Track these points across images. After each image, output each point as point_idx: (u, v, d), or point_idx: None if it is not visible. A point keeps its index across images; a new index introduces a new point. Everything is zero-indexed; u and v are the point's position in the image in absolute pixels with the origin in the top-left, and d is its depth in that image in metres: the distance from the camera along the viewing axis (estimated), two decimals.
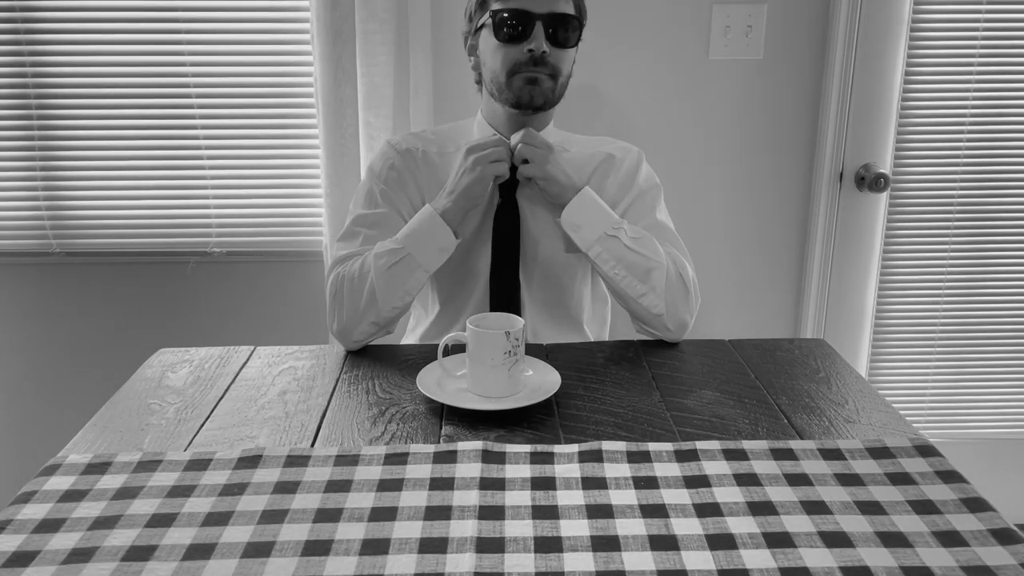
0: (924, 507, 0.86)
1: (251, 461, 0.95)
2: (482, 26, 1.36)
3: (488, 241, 1.41)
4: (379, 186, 1.40)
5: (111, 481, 0.91)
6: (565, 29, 1.32)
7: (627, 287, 1.31)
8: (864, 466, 0.94)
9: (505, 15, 1.30)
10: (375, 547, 0.79)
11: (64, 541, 0.81)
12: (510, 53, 1.32)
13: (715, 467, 0.93)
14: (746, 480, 0.90)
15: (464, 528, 0.82)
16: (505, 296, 1.41)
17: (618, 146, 1.49)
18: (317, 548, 0.79)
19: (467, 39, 1.42)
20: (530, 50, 1.30)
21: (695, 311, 1.35)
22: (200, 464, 0.94)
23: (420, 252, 1.28)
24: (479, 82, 1.44)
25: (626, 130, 1.95)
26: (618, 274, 1.31)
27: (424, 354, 1.29)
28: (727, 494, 0.87)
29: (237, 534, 0.81)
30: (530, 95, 1.33)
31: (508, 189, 1.40)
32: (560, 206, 1.33)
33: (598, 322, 1.58)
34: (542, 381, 1.13)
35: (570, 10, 1.33)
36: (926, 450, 0.97)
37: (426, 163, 1.43)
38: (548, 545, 0.79)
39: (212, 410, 1.10)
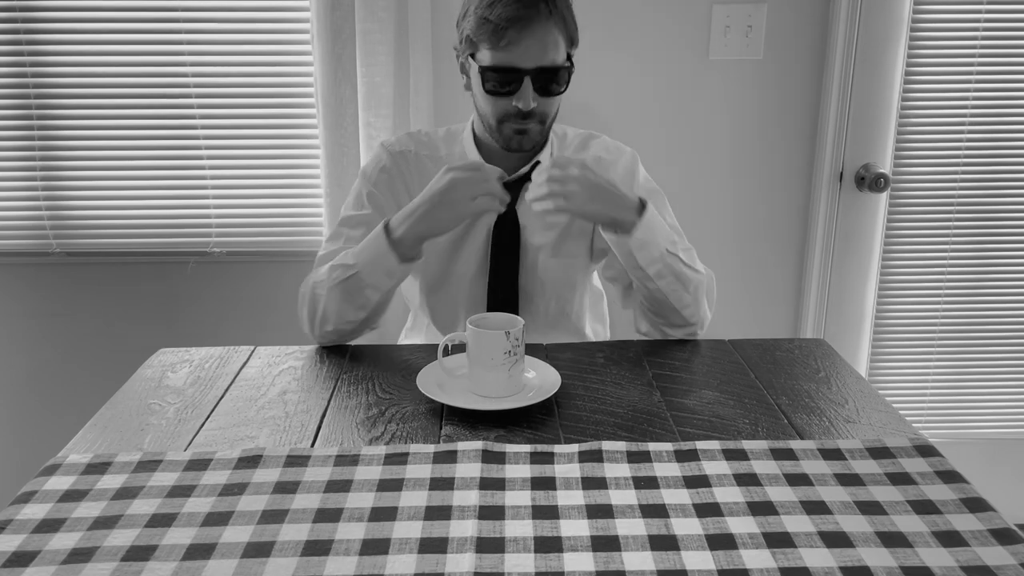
0: (924, 507, 0.86)
1: (251, 461, 0.95)
2: (470, 63, 1.31)
3: (476, 246, 1.41)
4: (367, 188, 1.40)
5: (111, 481, 0.91)
6: (554, 80, 1.27)
7: (676, 300, 1.30)
8: (864, 466, 0.94)
9: (494, 71, 1.25)
10: (375, 547, 0.79)
11: (64, 541, 0.81)
12: (498, 104, 1.28)
13: (715, 467, 0.93)
14: (746, 480, 0.90)
15: (464, 528, 0.82)
16: (504, 304, 1.41)
17: (608, 146, 1.45)
18: (317, 548, 0.79)
19: (458, 56, 1.35)
20: (517, 107, 1.27)
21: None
22: (200, 464, 0.94)
23: (369, 273, 1.25)
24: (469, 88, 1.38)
25: (626, 130, 1.95)
26: (673, 289, 1.28)
27: (424, 354, 1.28)
28: (727, 494, 0.87)
29: (237, 534, 0.81)
30: (519, 143, 1.32)
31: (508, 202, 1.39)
32: (612, 227, 1.25)
33: (600, 321, 1.59)
34: (542, 381, 1.13)
35: (559, 58, 1.27)
36: (926, 450, 0.97)
37: (418, 166, 1.42)
38: (548, 545, 0.79)
39: (212, 410, 1.10)
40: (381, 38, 1.78)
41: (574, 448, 0.97)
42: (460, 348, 1.15)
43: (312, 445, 1.01)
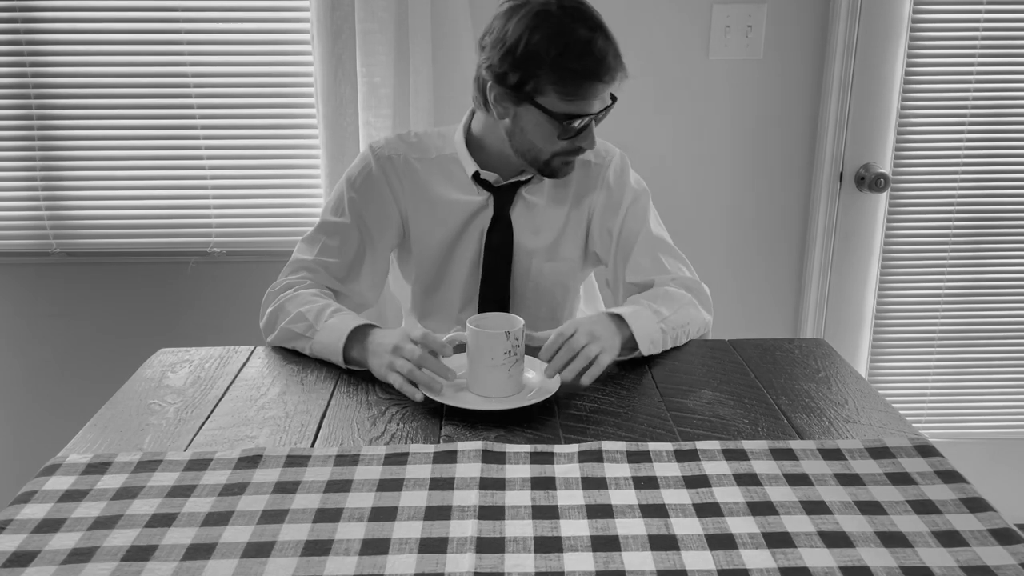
0: (924, 507, 0.86)
1: (251, 461, 0.95)
2: (532, 104, 1.26)
3: (469, 249, 1.42)
4: (350, 193, 1.39)
5: (111, 481, 0.91)
6: (605, 115, 1.31)
7: (686, 339, 1.33)
8: (864, 466, 0.94)
9: (568, 118, 1.25)
10: (375, 547, 0.79)
11: (64, 541, 0.81)
12: (562, 144, 1.30)
13: (715, 467, 0.93)
14: (746, 480, 0.90)
15: (464, 528, 0.82)
16: (495, 304, 1.43)
17: (596, 150, 1.43)
18: (317, 548, 0.79)
19: (493, 88, 1.28)
20: (580, 146, 1.31)
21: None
22: (200, 464, 0.94)
23: (318, 352, 1.23)
24: (485, 105, 1.33)
25: (626, 130, 1.95)
26: (680, 338, 1.31)
27: None
28: (727, 494, 0.87)
29: (237, 534, 0.81)
30: (564, 172, 1.36)
31: (501, 205, 1.40)
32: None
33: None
34: (542, 381, 1.13)
35: (615, 92, 1.30)
36: (926, 450, 0.97)
37: (407, 170, 1.40)
38: (548, 545, 0.79)
39: (212, 410, 1.10)
40: (381, 38, 1.78)
41: (574, 448, 0.97)
42: (460, 348, 1.15)
43: (312, 445, 1.01)
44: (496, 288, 1.43)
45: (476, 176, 1.39)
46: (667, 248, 1.42)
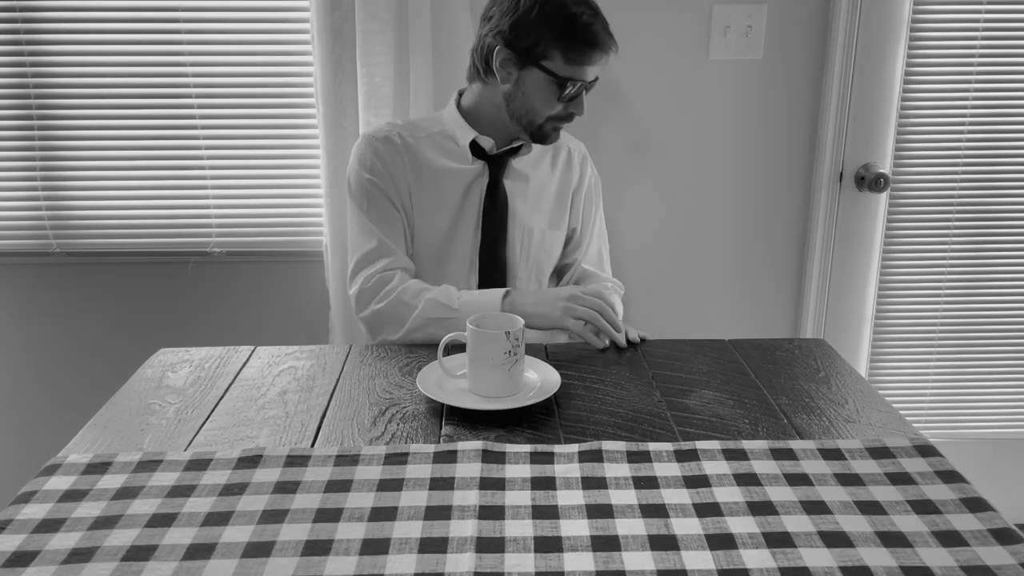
0: (924, 507, 0.86)
1: (251, 461, 0.95)
2: (529, 62, 1.39)
3: (471, 225, 1.49)
4: (367, 177, 1.46)
5: (111, 481, 0.91)
6: (592, 87, 1.44)
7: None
8: (864, 466, 0.94)
9: (575, 83, 1.39)
10: (375, 547, 0.79)
11: (64, 541, 0.81)
12: (558, 109, 1.43)
13: (715, 467, 0.93)
14: (746, 480, 0.90)
15: (464, 528, 0.82)
16: (492, 270, 1.50)
17: (570, 139, 1.62)
18: (317, 548, 0.79)
19: (501, 52, 1.41)
20: (572, 112, 1.43)
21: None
22: (200, 464, 0.94)
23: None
24: (478, 75, 1.48)
25: (626, 130, 1.95)
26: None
27: (424, 354, 1.29)
28: (727, 494, 0.88)
29: (237, 534, 0.81)
30: (554, 139, 1.49)
31: (495, 170, 1.49)
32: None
33: None
34: (542, 381, 1.13)
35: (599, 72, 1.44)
36: (926, 450, 0.97)
37: (404, 147, 1.49)
38: (548, 545, 0.79)
39: (212, 410, 1.10)
40: (381, 38, 1.78)
41: (574, 448, 0.97)
42: (460, 348, 1.15)
43: (312, 445, 1.01)
44: (494, 253, 1.50)
45: (471, 146, 1.49)
46: (606, 243, 1.68)
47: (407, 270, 1.45)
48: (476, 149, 1.49)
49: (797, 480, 0.91)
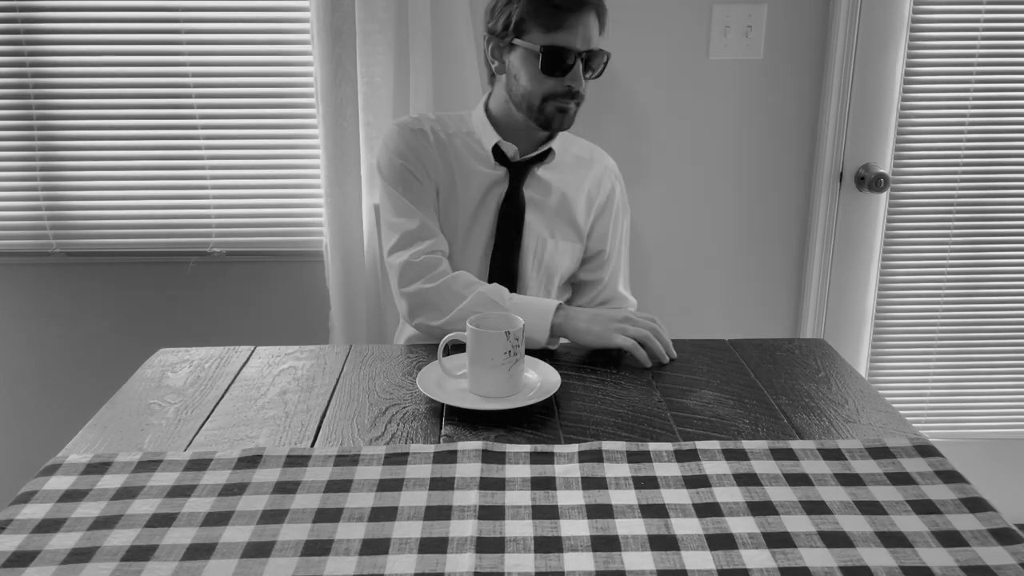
0: (924, 507, 0.86)
1: (251, 461, 0.95)
2: (517, 44, 1.38)
3: (486, 229, 1.48)
4: (399, 160, 1.46)
5: (111, 481, 0.91)
6: (598, 63, 1.40)
7: None
8: (864, 466, 0.94)
9: (554, 51, 1.35)
10: (375, 547, 0.79)
11: (64, 541, 0.81)
12: (548, 83, 1.38)
13: (715, 467, 0.93)
14: (746, 480, 0.90)
15: (464, 528, 0.82)
16: (503, 276, 1.48)
17: (588, 146, 1.59)
18: (317, 548, 0.79)
19: (490, 41, 1.43)
20: (569, 86, 1.37)
21: None
22: (200, 464, 0.94)
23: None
24: (492, 77, 1.48)
25: (626, 130, 1.95)
26: None
27: (424, 354, 1.29)
28: (727, 494, 0.87)
29: (237, 534, 0.81)
30: (560, 122, 1.42)
31: (516, 180, 1.47)
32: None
33: None
34: (542, 381, 1.13)
35: (601, 43, 1.40)
36: (926, 450, 0.97)
37: (435, 140, 1.48)
38: (548, 545, 0.79)
39: (212, 410, 1.10)
40: (381, 38, 1.78)
41: (574, 448, 0.97)
42: (460, 348, 1.15)
43: (312, 445, 1.01)
44: (506, 260, 1.49)
45: (495, 150, 1.47)
46: (625, 268, 1.64)
47: (447, 255, 1.45)
48: (500, 154, 1.47)
49: (797, 480, 0.91)
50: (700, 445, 0.97)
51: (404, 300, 1.40)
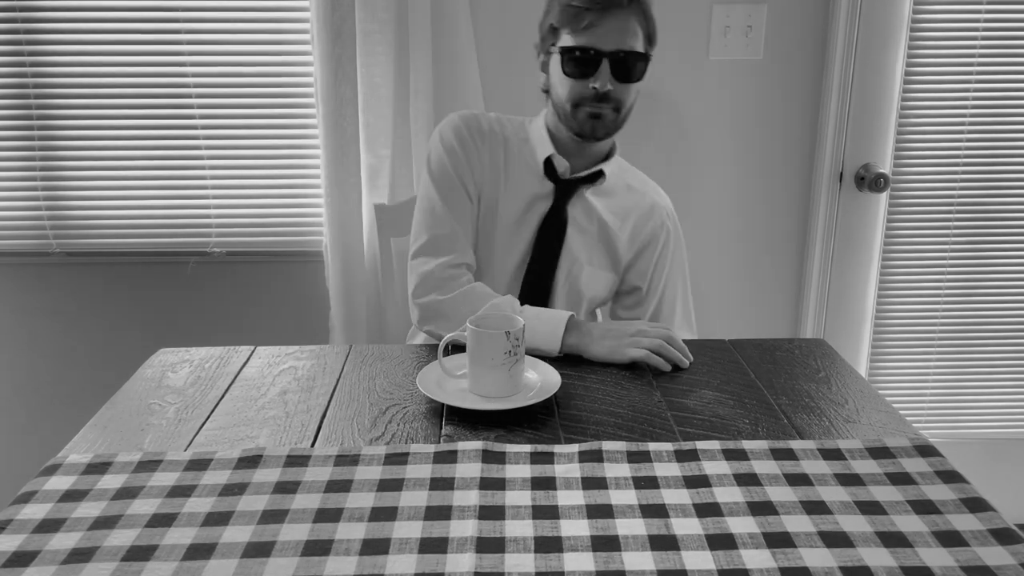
0: (924, 507, 0.86)
1: (251, 461, 0.95)
2: (551, 51, 1.37)
3: (524, 241, 1.44)
4: (447, 158, 1.42)
5: (111, 481, 0.91)
6: (631, 66, 1.34)
7: None
8: (864, 466, 0.94)
9: (574, 52, 1.32)
10: (375, 547, 0.79)
11: (64, 541, 0.81)
12: (575, 87, 1.34)
13: (715, 467, 0.93)
14: (746, 480, 0.90)
15: (464, 528, 0.82)
16: (533, 291, 1.45)
17: (642, 179, 1.53)
18: (317, 548, 0.79)
19: (539, 54, 1.43)
20: (594, 87, 1.32)
21: None
22: (200, 464, 0.94)
23: (531, 330, 1.25)
24: (546, 91, 1.44)
25: (626, 130, 1.95)
26: None
27: (424, 354, 1.29)
28: (727, 494, 0.87)
29: (237, 534, 0.81)
30: (592, 128, 1.37)
31: (561, 199, 1.43)
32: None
33: None
34: (542, 381, 1.13)
35: (638, 46, 1.34)
36: (926, 450, 0.97)
37: (492, 138, 1.45)
38: (548, 545, 0.79)
39: (212, 410, 1.10)
40: (381, 38, 1.78)
41: (574, 448, 0.97)
42: (460, 348, 1.15)
43: (312, 445, 1.01)
44: (540, 278, 1.45)
45: (547, 163, 1.43)
46: (684, 308, 1.56)
47: (472, 268, 1.42)
48: (550, 169, 1.43)
49: (797, 480, 0.91)
50: (700, 445, 0.97)
51: (417, 309, 1.39)
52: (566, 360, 1.25)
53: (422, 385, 1.11)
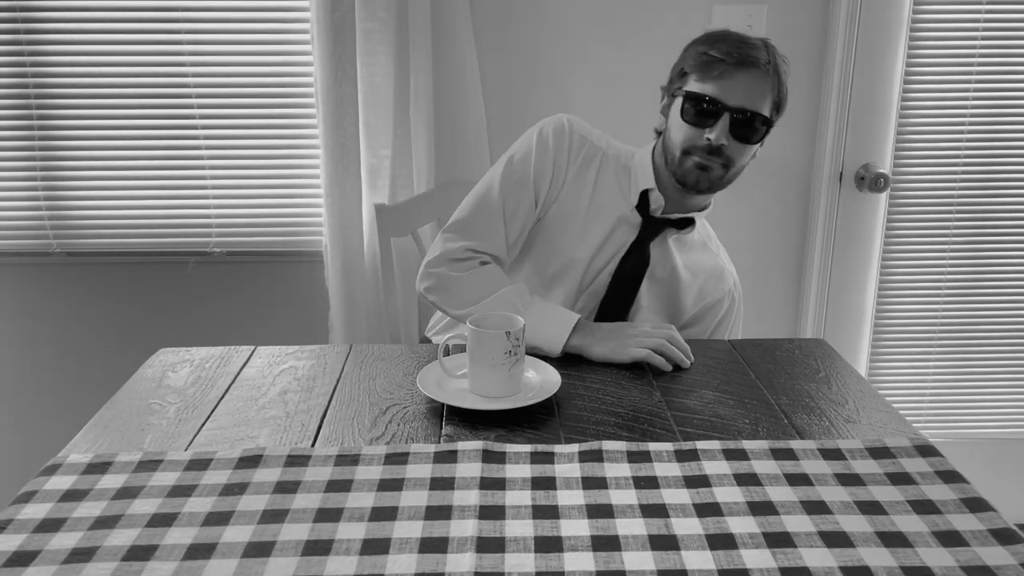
0: (924, 507, 0.86)
1: (251, 461, 0.95)
2: (676, 94, 1.35)
3: (600, 268, 1.42)
4: (532, 162, 1.40)
5: (111, 481, 0.91)
6: (751, 126, 1.31)
7: None
8: (864, 466, 0.94)
9: (697, 99, 1.30)
10: (375, 547, 0.79)
11: (64, 541, 0.81)
12: (690, 134, 1.32)
13: (715, 467, 0.93)
14: (746, 480, 0.90)
15: (464, 528, 0.82)
16: (598, 316, 1.44)
17: (728, 261, 1.53)
18: (317, 548, 0.79)
19: (663, 96, 1.41)
20: (708, 139, 1.30)
21: None
22: (200, 464, 0.94)
23: (536, 326, 1.26)
24: (658, 133, 1.42)
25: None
26: None
27: (425, 354, 1.29)
28: (727, 494, 0.88)
29: (237, 534, 0.81)
30: (696, 179, 1.34)
31: (647, 235, 1.41)
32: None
33: None
34: (542, 381, 1.13)
35: (763, 109, 1.31)
36: (926, 450, 0.97)
37: (591, 150, 1.42)
38: (548, 545, 0.79)
39: (212, 410, 1.10)
40: (381, 38, 1.78)
41: (574, 448, 0.97)
42: (460, 348, 1.15)
43: (312, 445, 1.01)
44: (614, 315, 1.43)
45: (642, 195, 1.40)
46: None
47: (498, 259, 1.40)
48: (643, 204, 1.40)
49: (797, 480, 0.91)
50: (700, 445, 0.97)
51: (428, 278, 1.37)
52: (566, 360, 1.25)
53: (422, 385, 1.11)
